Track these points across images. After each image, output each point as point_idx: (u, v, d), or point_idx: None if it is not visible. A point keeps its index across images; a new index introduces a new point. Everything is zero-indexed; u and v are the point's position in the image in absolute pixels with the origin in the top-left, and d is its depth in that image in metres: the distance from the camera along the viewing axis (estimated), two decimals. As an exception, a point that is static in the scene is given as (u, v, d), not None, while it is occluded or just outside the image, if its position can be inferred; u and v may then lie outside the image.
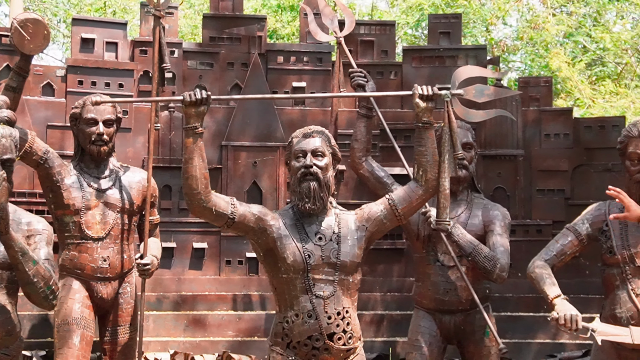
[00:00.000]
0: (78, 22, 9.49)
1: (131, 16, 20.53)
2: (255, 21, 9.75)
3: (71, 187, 7.43)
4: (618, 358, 7.14)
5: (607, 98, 18.94)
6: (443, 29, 9.97)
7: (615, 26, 22.61)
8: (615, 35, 21.43)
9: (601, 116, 11.18)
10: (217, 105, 9.09)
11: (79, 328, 7.34)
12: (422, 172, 6.52)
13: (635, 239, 7.08)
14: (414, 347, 7.71)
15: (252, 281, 9.03)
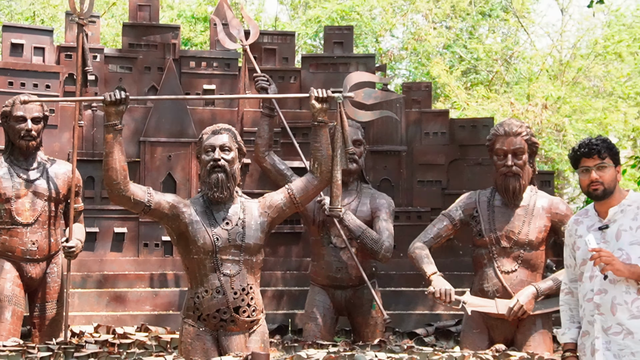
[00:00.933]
0: (9, 28, 9.34)
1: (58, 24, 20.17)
2: (170, 30, 9.68)
3: (2, 178, 7.35)
4: (485, 326, 7.30)
5: (479, 102, 19.17)
6: (337, 39, 10.02)
7: (488, 39, 22.95)
8: (487, 47, 21.75)
9: (473, 117, 11.35)
10: (135, 105, 9.01)
11: (11, 304, 7.27)
12: (317, 165, 6.57)
13: (500, 224, 7.25)
14: (310, 318, 7.77)
15: (167, 262, 8.99)
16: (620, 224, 4.54)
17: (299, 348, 7.12)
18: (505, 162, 7.18)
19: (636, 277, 4.35)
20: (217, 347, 6.44)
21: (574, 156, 4.67)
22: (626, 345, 4.40)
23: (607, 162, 4.55)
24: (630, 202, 4.58)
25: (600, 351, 4.45)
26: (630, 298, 4.42)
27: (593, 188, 4.56)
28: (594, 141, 4.59)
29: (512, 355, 6.65)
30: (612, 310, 4.44)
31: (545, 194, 7.52)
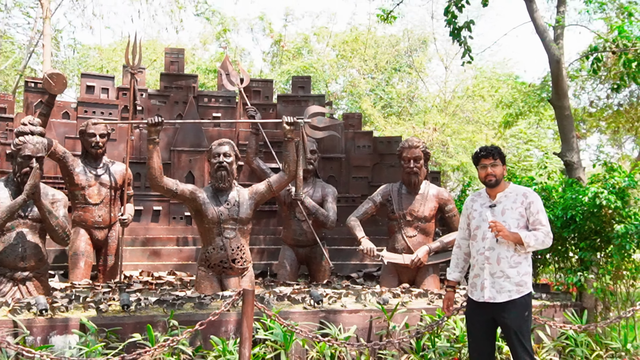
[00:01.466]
0: (85, 75, 9.18)
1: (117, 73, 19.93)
2: (191, 78, 9.58)
3: (80, 173, 7.28)
4: (396, 271, 7.34)
5: (392, 126, 19.25)
6: (300, 84, 9.98)
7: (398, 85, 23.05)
8: (398, 91, 21.85)
9: (389, 136, 11.34)
10: (168, 126, 8.91)
11: (84, 257, 7.20)
12: (286, 166, 6.57)
13: (406, 205, 7.30)
14: (281, 266, 7.74)
15: (188, 229, 8.90)
16: (504, 205, 4.58)
17: (275, 286, 7.08)
18: (408, 165, 7.27)
19: (515, 241, 4.43)
20: (220, 285, 6.42)
21: (476, 156, 4.70)
22: (504, 285, 4.45)
23: (498, 162, 4.60)
24: (512, 191, 4.62)
25: (487, 288, 4.49)
26: (510, 254, 4.48)
27: (488, 179, 4.58)
28: (490, 147, 4.66)
29: (413, 290, 6.68)
30: (497, 261, 4.49)
31: (435, 185, 7.59)
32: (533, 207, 4.56)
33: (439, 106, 21.05)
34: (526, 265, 4.55)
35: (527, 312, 4.51)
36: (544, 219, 4.58)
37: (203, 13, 22.38)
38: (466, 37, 9.12)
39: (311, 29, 24.41)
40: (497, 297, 4.47)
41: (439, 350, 5.49)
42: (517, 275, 4.48)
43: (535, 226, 4.54)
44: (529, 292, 4.52)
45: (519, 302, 4.46)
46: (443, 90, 22.66)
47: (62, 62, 23.20)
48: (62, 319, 5.02)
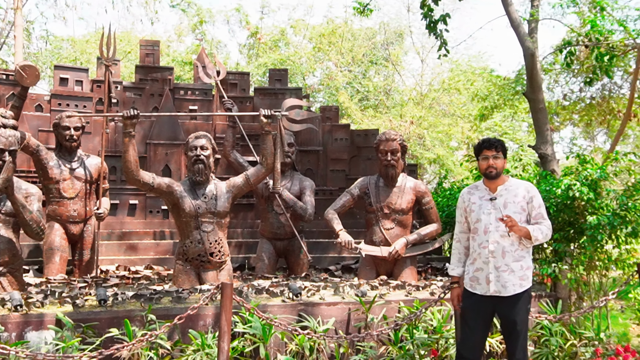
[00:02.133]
0: (58, 67, 9.06)
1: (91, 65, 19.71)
2: (167, 70, 9.50)
3: (54, 167, 7.18)
4: (374, 264, 7.36)
5: (369, 119, 19.28)
6: (277, 77, 9.95)
7: (374, 78, 23.06)
8: (374, 84, 21.86)
9: (366, 129, 11.35)
10: (143, 119, 8.82)
11: (59, 251, 7.10)
12: (264, 159, 6.56)
13: (383, 198, 7.31)
14: (259, 259, 7.71)
15: (165, 223, 8.84)
16: (506, 198, 4.58)
17: (253, 279, 7.07)
18: (385, 157, 7.26)
19: (523, 235, 4.44)
20: (198, 279, 6.39)
21: (479, 147, 4.68)
22: (509, 279, 4.46)
23: (500, 155, 4.59)
24: (512, 184, 4.63)
25: (493, 282, 4.49)
26: (514, 248, 4.50)
27: (489, 171, 4.58)
28: (493, 139, 4.64)
29: (391, 282, 6.71)
30: (502, 255, 4.49)
31: (412, 178, 7.59)
32: (535, 201, 4.60)
33: (416, 99, 21.12)
34: (529, 260, 4.59)
35: (530, 305, 4.61)
36: (545, 213, 4.64)
37: (179, 4, 22.19)
38: (442, 31, 9.17)
39: (288, 21, 24.32)
40: (503, 291, 4.48)
41: (417, 342, 5.52)
42: (521, 269, 4.51)
43: (538, 220, 4.58)
44: (530, 286, 4.57)
45: (523, 296, 4.51)
46: (419, 83, 22.75)
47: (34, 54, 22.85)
48: (37, 315, 4.96)
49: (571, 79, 15.17)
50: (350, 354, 5.51)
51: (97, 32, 23.37)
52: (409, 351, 5.48)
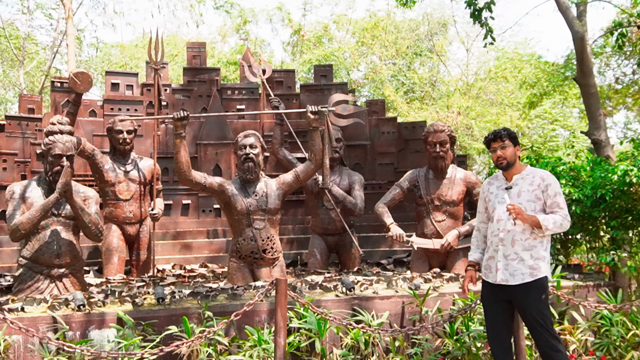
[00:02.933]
0: (110, 73, 9.29)
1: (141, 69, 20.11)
2: (214, 71, 9.63)
3: (109, 170, 7.36)
4: (426, 256, 7.33)
5: (416, 111, 19.17)
6: (322, 73, 9.98)
7: (419, 70, 22.87)
8: (419, 76, 21.70)
9: (413, 121, 11.29)
10: (193, 120, 8.96)
11: (117, 252, 7.28)
12: (312, 155, 6.58)
13: (433, 190, 7.28)
14: (311, 255, 7.75)
15: (217, 221, 8.96)
16: (521, 187, 4.51)
17: (306, 275, 7.11)
18: (434, 149, 7.23)
19: (533, 224, 4.34)
20: (252, 276, 6.46)
21: (486, 141, 4.67)
22: (518, 267, 4.38)
23: (507, 144, 4.52)
24: (528, 173, 4.55)
25: (501, 270, 4.44)
26: (525, 237, 4.40)
27: (499, 162, 4.54)
28: (497, 130, 4.59)
29: (444, 275, 6.66)
30: (512, 243, 4.42)
31: (462, 169, 7.54)
32: (550, 189, 4.48)
33: (462, 89, 20.87)
34: (541, 250, 4.46)
35: (544, 295, 4.41)
36: (562, 202, 4.49)
37: (222, 6, 22.41)
38: (487, 18, 9.03)
39: (330, 17, 24.30)
40: (510, 279, 4.41)
41: (474, 334, 5.47)
42: (531, 258, 4.40)
43: (553, 209, 4.45)
44: (543, 276, 4.42)
45: (534, 285, 4.38)
46: (465, 73, 22.46)
47: (85, 61, 23.42)
48: (99, 314, 5.10)
49: (623, 62, 14.81)
50: (405, 347, 5.49)
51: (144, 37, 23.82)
52: (465, 344, 5.43)
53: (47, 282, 5.79)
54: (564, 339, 5.78)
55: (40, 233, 5.77)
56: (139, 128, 8.02)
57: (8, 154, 8.39)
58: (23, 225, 5.57)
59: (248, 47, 9.54)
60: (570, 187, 7.22)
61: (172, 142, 8.95)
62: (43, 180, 5.93)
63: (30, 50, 21.47)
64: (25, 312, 5.07)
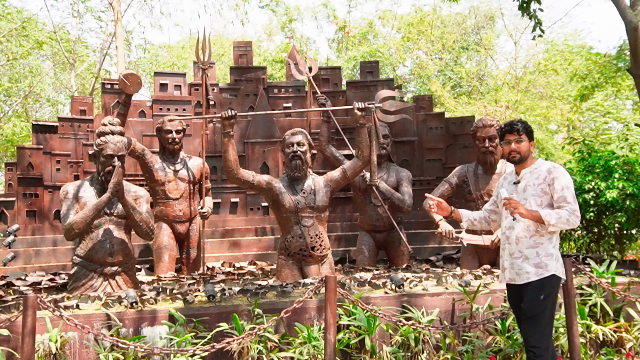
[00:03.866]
0: (158, 74, 9.43)
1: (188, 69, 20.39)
2: (260, 70, 9.70)
3: (159, 169, 7.47)
4: (476, 253, 7.23)
5: (463, 106, 18.99)
6: (368, 70, 9.96)
7: (466, 64, 22.62)
8: (467, 70, 21.48)
9: (460, 116, 11.17)
10: (241, 119, 9.04)
11: (167, 250, 7.38)
12: (360, 152, 6.56)
13: (482, 185, 7.18)
14: (360, 252, 7.74)
15: (265, 219, 9.03)
16: (527, 181, 4.32)
17: (354, 272, 7.10)
18: (484, 144, 7.14)
19: (535, 219, 4.14)
20: (300, 273, 6.48)
21: (501, 132, 4.47)
22: (523, 266, 4.20)
23: (523, 138, 4.33)
24: (537, 166, 4.35)
25: (507, 269, 4.32)
26: (529, 234, 4.21)
27: (512, 156, 4.35)
28: (515, 122, 4.39)
29: (495, 271, 6.57)
30: (516, 241, 4.26)
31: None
32: (557, 183, 4.22)
33: (510, 83, 20.55)
34: (549, 247, 4.22)
35: (544, 294, 4.16)
36: (570, 196, 4.20)
37: (268, 5, 22.55)
38: (536, 10, 8.85)
39: (375, 13, 24.30)
40: (517, 279, 4.25)
41: (525, 331, 5.37)
42: (537, 256, 4.19)
43: (560, 204, 4.19)
44: (550, 275, 4.17)
45: (536, 284, 4.16)
46: (514, 66, 22.13)
47: (134, 62, 23.87)
48: (151, 311, 5.18)
49: (679, 52, 14.31)
50: (456, 345, 5.43)
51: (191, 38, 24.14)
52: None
53: (100, 280, 5.91)
54: (620, 337, 5.64)
55: (93, 232, 5.90)
56: (187, 127, 8.13)
57: (61, 154, 8.61)
58: (77, 225, 5.71)
59: (294, 45, 9.57)
60: (624, 181, 7.03)
61: (220, 141, 9.05)
62: (95, 180, 6.06)
63: (80, 53, 21.99)
64: (80, 310, 5.19)
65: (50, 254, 7.98)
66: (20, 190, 8.37)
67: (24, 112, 23.78)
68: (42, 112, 25.60)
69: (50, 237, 8.28)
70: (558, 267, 4.22)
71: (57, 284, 6.47)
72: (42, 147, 8.53)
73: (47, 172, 8.54)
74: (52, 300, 5.31)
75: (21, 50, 19.59)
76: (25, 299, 4.18)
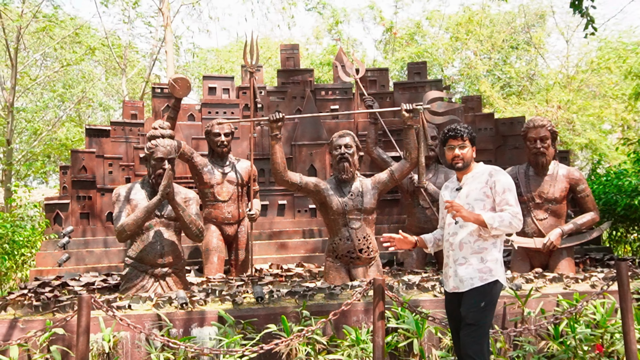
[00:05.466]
0: (207, 78, 9.55)
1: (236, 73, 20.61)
2: (307, 72, 9.73)
3: (208, 172, 7.55)
4: (527, 256, 7.12)
5: (513, 106, 18.69)
6: (416, 71, 9.89)
7: (516, 64, 22.28)
8: (516, 70, 21.14)
9: (510, 117, 11.01)
10: (288, 121, 9.09)
11: (216, 252, 7.45)
12: (408, 154, 6.53)
13: (534, 187, 7.07)
14: (408, 254, 7.70)
15: (313, 221, 9.05)
16: (470, 186, 4.18)
17: (402, 274, 7.06)
18: (535, 145, 7.03)
19: (477, 222, 3.98)
20: (348, 275, 6.47)
21: (443, 137, 4.30)
22: (467, 272, 4.04)
23: (467, 143, 4.20)
24: (478, 171, 4.22)
25: (452, 277, 4.14)
26: (473, 239, 4.07)
27: (455, 162, 4.21)
28: (458, 127, 4.24)
29: (547, 275, 6.45)
30: (460, 247, 4.11)
31: (564, 165, 7.28)
32: (498, 185, 4.09)
33: (562, 82, 20.13)
34: (494, 251, 4.09)
35: (485, 302, 3.99)
36: (512, 199, 4.08)
37: (314, 7, 22.63)
38: (588, 7, 8.65)
39: (422, 13, 24.14)
40: (460, 286, 4.07)
41: (579, 336, 5.26)
42: (481, 262, 4.04)
43: (502, 207, 4.05)
44: (494, 281, 4.02)
45: (479, 290, 4.00)
46: (565, 65, 21.67)
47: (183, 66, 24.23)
48: (200, 312, 5.26)
49: None
50: (507, 349, 5.35)
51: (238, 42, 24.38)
52: (570, 346, 5.23)
53: (151, 280, 6.03)
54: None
55: (144, 234, 6.02)
56: (235, 130, 8.20)
57: (113, 158, 8.79)
58: (129, 227, 5.84)
59: (341, 47, 9.58)
60: (683, 182, 6.82)
61: (267, 144, 9.12)
62: (146, 182, 6.18)
63: (131, 58, 22.45)
64: (132, 310, 5.30)
65: (102, 255, 8.16)
66: (74, 193, 8.59)
67: (77, 116, 24.41)
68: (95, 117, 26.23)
69: (102, 238, 8.47)
70: (502, 273, 4.10)
71: (109, 284, 6.61)
72: (94, 150, 8.73)
73: (99, 175, 8.74)
74: (105, 300, 5.45)
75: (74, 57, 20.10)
76: (79, 299, 4.29)
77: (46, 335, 4.83)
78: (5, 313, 5.32)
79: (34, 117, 21.55)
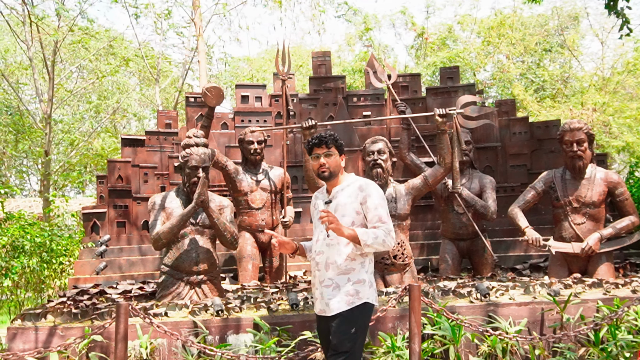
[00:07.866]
0: (239, 86, 9.62)
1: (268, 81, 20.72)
2: (339, 79, 9.74)
3: (242, 180, 7.59)
4: (565, 261, 7.01)
5: (547, 110, 18.46)
6: (448, 75, 9.83)
7: (550, 67, 22.02)
8: (550, 73, 20.90)
9: (545, 120, 10.88)
10: (321, 128, 9.10)
11: (251, 259, 7.48)
12: (441, 159, 6.50)
13: (571, 191, 6.96)
14: (443, 261, 7.63)
15: (346, 228, 9.05)
16: (339, 200, 3.86)
17: (438, 281, 7.00)
18: (571, 149, 6.92)
19: (350, 238, 3.68)
20: (383, 282, 6.45)
21: (308, 145, 4.03)
22: (334, 294, 3.73)
23: (332, 151, 3.92)
24: (349, 183, 3.93)
25: (318, 299, 3.84)
26: (341, 259, 3.76)
27: (321, 171, 3.91)
28: (323, 135, 3.96)
29: (586, 280, 6.34)
30: (326, 267, 3.80)
31: (602, 168, 7.15)
32: (370, 201, 3.80)
33: (597, 84, 19.83)
34: (362, 272, 3.79)
35: (355, 327, 3.69)
36: (385, 215, 3.81)
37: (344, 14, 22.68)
38: (623, 8, 8.52)
39: (454, 18, 24.01)
40: (327, 310, 3.74)
41: (621, 343, 5.15)
42: (348, 282, 3.73)
43: (375, 223, 3.77)
44: (362, 303, 3.72)
45: (346, 315, 3.68)
46: (600, 67, 21.36)
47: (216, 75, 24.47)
48: (236, 319, 5.28)
49: None
50: (546, 356, 5.26)
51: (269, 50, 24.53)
52: (611, 353, 5.13)
53: (187, 288, 6.07)
54: None
55: (179, 242, 6.08)
56: (268, 138, 8.24)
57: (148, 167, 8.90)
58: (164, 235, 5.90)
59: (372, 53, 9.58)
60: None
61: (300, 151, 9.14)
62: (181, 191, 6.24)
63: (164, 69, 22.74)
64: (169, 317, 5.35)
65: (139, 263, 8.25)
66: (110, 202, 8.72)
67: (112, 127, 24.80)
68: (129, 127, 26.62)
69: (138, 246, 8.57)
70: (370, 294, 3.80)
71: (146, 292, 6.68)
72: (130, 160, 8.85)
73: (135, 184, 8.85)
74: (142, 307, 5.50)
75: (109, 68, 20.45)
76: (117, 306, 4.34)
77: (85, 342, 4.90)
78: (45, 320, 5.41)
79: (71, 128, 21.99)
